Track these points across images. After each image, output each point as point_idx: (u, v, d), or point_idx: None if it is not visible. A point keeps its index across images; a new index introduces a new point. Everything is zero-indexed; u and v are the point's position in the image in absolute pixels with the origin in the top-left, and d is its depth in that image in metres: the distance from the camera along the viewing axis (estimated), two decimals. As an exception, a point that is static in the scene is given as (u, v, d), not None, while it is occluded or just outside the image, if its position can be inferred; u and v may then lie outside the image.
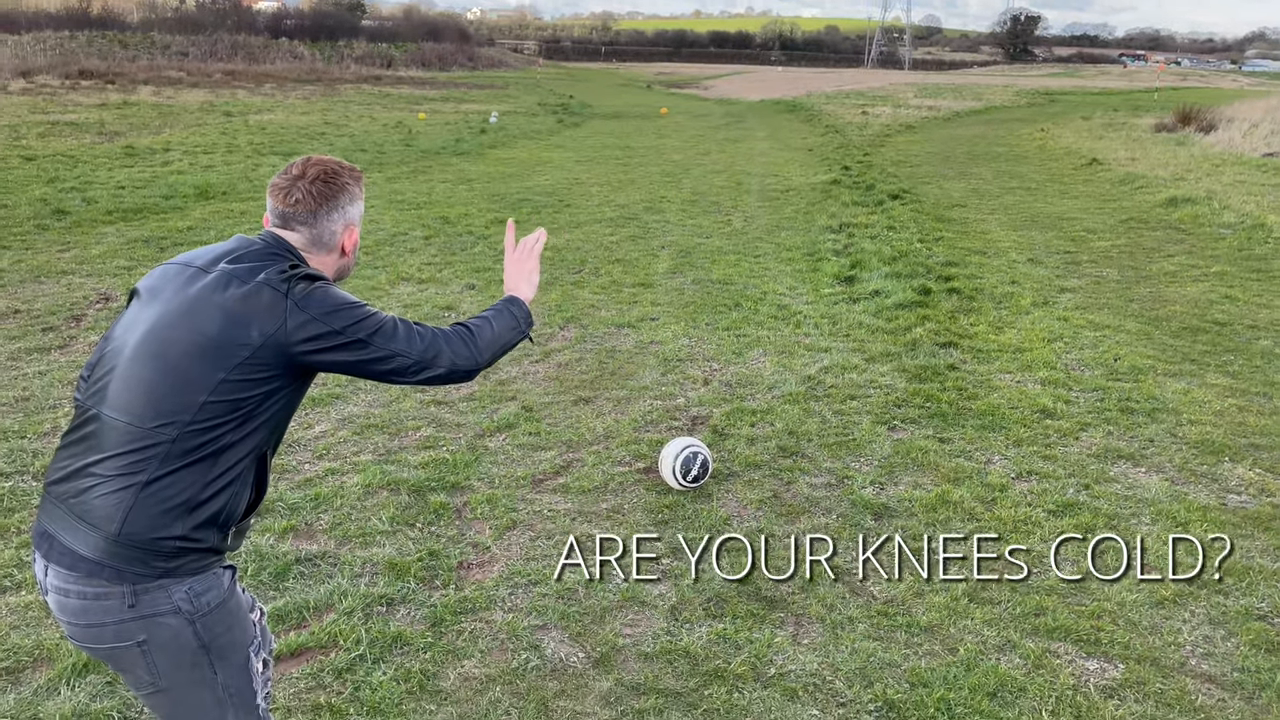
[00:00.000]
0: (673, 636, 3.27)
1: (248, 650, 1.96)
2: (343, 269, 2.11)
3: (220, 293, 1.85)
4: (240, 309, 1.82)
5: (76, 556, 1.79)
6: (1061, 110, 33.53)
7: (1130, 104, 35.46)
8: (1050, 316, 7.22)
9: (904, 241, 9.67)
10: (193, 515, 1.81)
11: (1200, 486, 4.48)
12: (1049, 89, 48.08)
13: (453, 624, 3.29)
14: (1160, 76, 62.33)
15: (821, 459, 4.72)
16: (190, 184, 11.99)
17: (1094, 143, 20.41)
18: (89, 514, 1.79)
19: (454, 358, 1.99)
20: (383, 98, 31.00)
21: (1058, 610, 3.44)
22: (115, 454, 1.79)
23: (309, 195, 2.00)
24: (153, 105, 23.04)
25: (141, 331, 1.86)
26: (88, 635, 1.84)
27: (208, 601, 1.86)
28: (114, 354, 1.88)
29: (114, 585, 1.78)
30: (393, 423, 5.00)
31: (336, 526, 3.91)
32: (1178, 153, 17.90)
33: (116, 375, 1.84)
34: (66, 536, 1.80)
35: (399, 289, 7.67)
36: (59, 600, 1.83)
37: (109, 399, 1.83)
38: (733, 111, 33.27)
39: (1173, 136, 20.95)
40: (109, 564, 1.77)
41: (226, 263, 1.91)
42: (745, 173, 15.81)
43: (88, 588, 1.79)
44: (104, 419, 1.82)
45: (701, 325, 6.94)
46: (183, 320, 1.84)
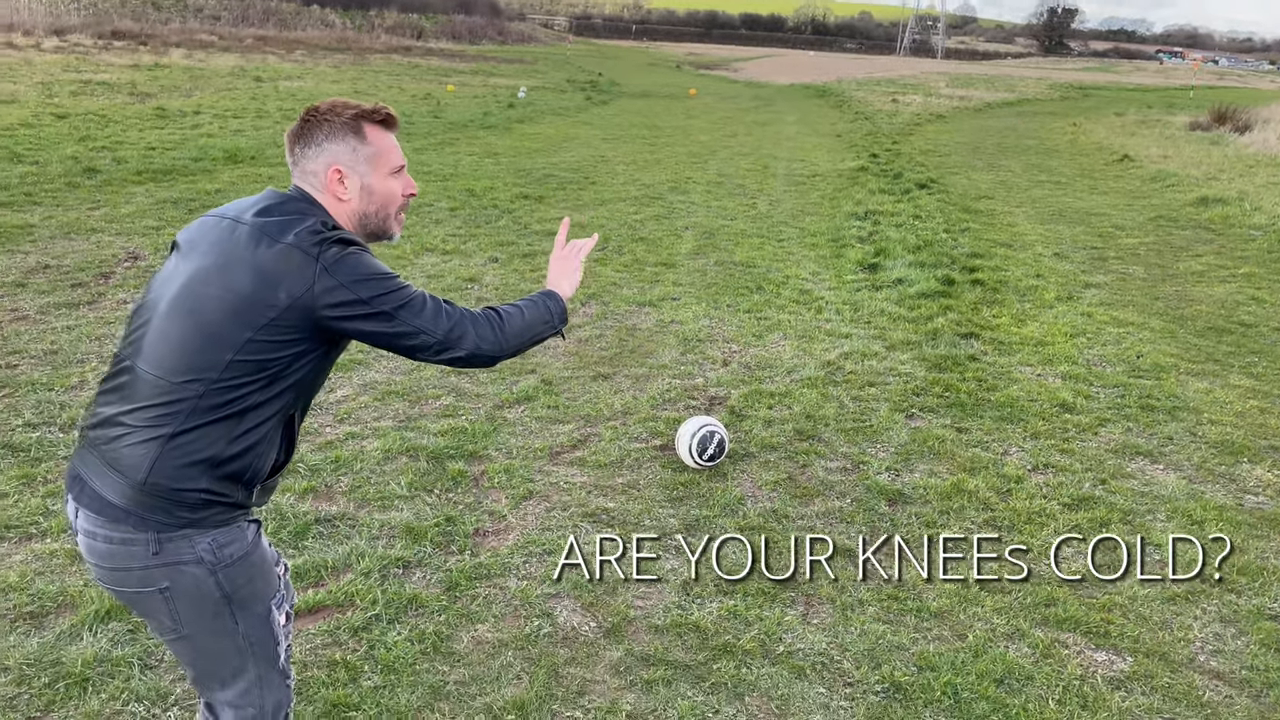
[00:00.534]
0: (683, 610, 3.30)
1: (269, 603, 1.99)
2: (357, 218, 2.01)
3: (252, 250, 1.84)
4: (271, 268, 1.82)
5: (104, 502, 1.83)
6: (1095, 105, 33.15)
7: (1165, 101, 35.01)
8: (1074, 311, 7.18)
9: (929, 231, 9.62)
10: (217, 470, 1.83)
11: (1218, 486, 4.47)
12: (1083, 83, 47.51)
13: (467, 589, 3.33)
14: (1197, 74, 61.45)
15: (838, 444, 4.73)
16: (220, 147, 12.06)
17: (1126, 139, 20.19)
18: (118, 461, 1.82)
19: (478, 341, 1.97)
20: (412, 69, 31.01)
21: (1068, 601, 3.45)
22: (144, 405, 1.82)
23: (289, 137, 1.99)
24: (184, 68, 23.14)
25: (177, 286, 1.88)
26: (113, 578, 1.88)
27: (230, 554, 1.89)
28: (150, 306, 1.91)
29: (139, 532, 1.82)
30: (413, 390, 5.04)
31: (356, 489, 3.96)
32: (1211, 152, 17.67)
33: (151, 328, 1.87)
34: (96, 481, 1.84)
35: (423, 259, 7.70)
36: (88, 543, 1.87)
37: (143, 351, 1.85)
38: (761, 94, 33.09)
39: (1207, 135, 20.68)
40: (134, 511, 1.81)
41: (255, 215, 1.90)
42: (772, 156, 15.74)
43: (114, 532, 1.83)
44: (136, 371, 1.85)
45: (723, 306, 6.95)
46: (216, 276, 1.85)
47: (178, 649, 1.99)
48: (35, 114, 13.56)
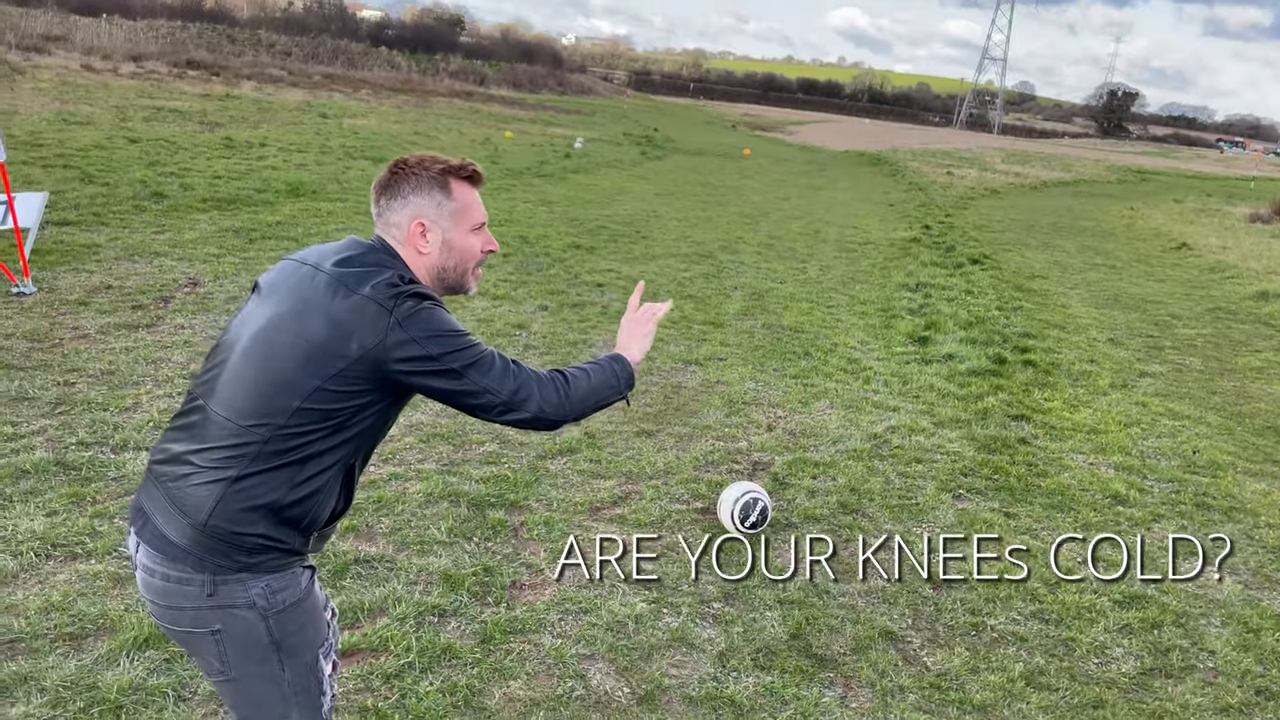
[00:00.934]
0: (719, 683, 3.23)
1: (317, 651, 1.98)
2: (436, 271, 2.04)
3: (329, 299, 1.86)
4: (346, 319, 1.83)
5: (165, 539, 1.84)
6: (1153, 190, 32.92)
7: (1225, 190, 34.66)
8: (1128, 400, 7.04)
9: (982, 307, 9.54)
10: (276, 516, 1.84)
11: (1276, 593, 4.31)
12: (1142, 167, 47.25)
13: (502, 642, 3.30)
14: (1259, 165, 60.87)
15: (882, 520, 4.65)
16: (283, 180, 12.35)
17: (1185, 226, 19.98)
18: (182, 500, 1.83)
19: (542, 404, 1.95)
20: (472, 113, 31.67)
21: (1118, 704, 3.33)
22: (212, 446, 1.83)
23: (378, 185, 2.03)
24: (253, 100, 23.83)
25: (253, 329, 1.90)
26: (167, 616, 1.89)
27: (283, 599, 1.89)
28: (226, 347, 1.93)
29: (196, 573, 1.82)
30: (458, 434, 5.05)
31: (396, 532, 3.95)
32: (1272, 245, 17.41)
33: (226, 369, 1.89)
34: (159, 518, 1.86)
35: (473, 303, 7.77)
36: (145, 579, 1.88)
37: (215, 392, 1.87)
38: (816, 159, 33.30)
39: (1268, 228, 20.40)
40: (193, 551, 1.82)
41: (334, 264, 1.92)
42: (824, 221, 15.77)
43: (171, 571, 1.83)
44: (208, 411, 1.86)
45: (769, 370, 6.92)
46: (291, 323, 1.86)
47: (224, 691, 1.99)
48: (109, 136, 14.01)
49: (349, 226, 10.17)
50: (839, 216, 16.81)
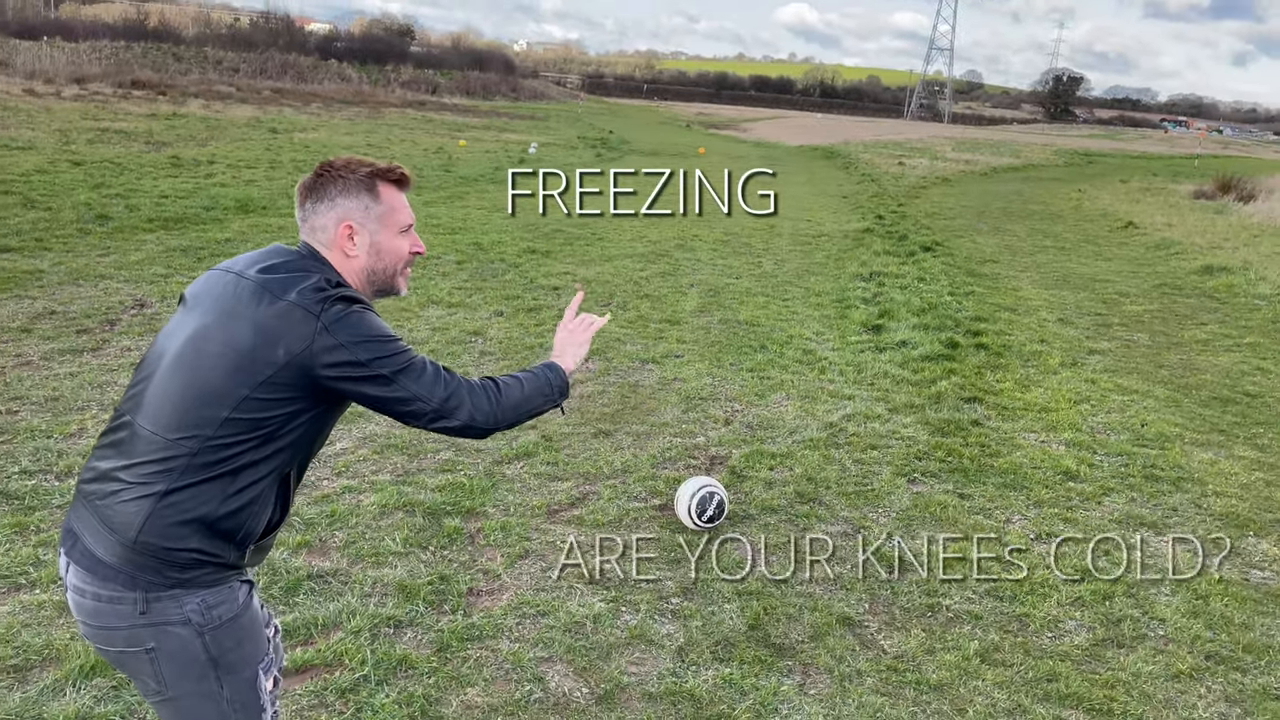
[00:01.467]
0: (678, 678, 3.24)
1: (257, 667, 1.95)
2: (365, 273, 2.00)
3: (254, 306, 1.84)
4: (271, 325, 1.81)
5: (95, 559, 1.81)
6: (1100, 172, 33.47)
7: (1170, 169, 35.33)
8: (1078, 378, 7.16)
9: (934, 294, 9.64)
10: (209, 530, 1.81)
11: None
12: (1088, 150, 48.02)
13: (459, 650, 3.28)
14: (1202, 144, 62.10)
15: (839, 507, 4.69)
16: (232, 197, 12.21)
17: (1131, 206, 20.33)
18: (111, 519, 1.80)
19: (473, 411, 1.94)
20: (426, 123, 31.49)
21: (1071, 677, 3.38)
22: (140, 461, 1.80)
23: (303, 187, 2.01)
24: (201, 118, 23.53)
25: (179, 341, 1.88)
26: (100, 636, 1.86)
27: (219, 615, 1.86)
28: (153, 361, 1.90)
29: (127, 591, 1.79)
30: (413, 444, 5.02)
31: (350, 545, 3.92)
32: (1216, 221, 17.78)
33: (152, 383, 1.86)
34: (89, 538, 1.83)
35: (429, 311, 7.73)
36: (76, 599, 1.85)
37: (142, 407, 1.85)
38: (770, 155, 33.48)
39: (1211, 204, 20.83)
40: (124, 570, 1.79)
41: (259, 271, 1.90)
42: (778, 216, 15.85)
43: (102, 590, 1.80)
44: (135, 426, 1.84)
45: (726, 365, 6.95)
46: (217, 333, 1.84)
47: (163, 711, 1.95)
48: (51, 160, 13.76)
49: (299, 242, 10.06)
50: (793, 210, 16.90)
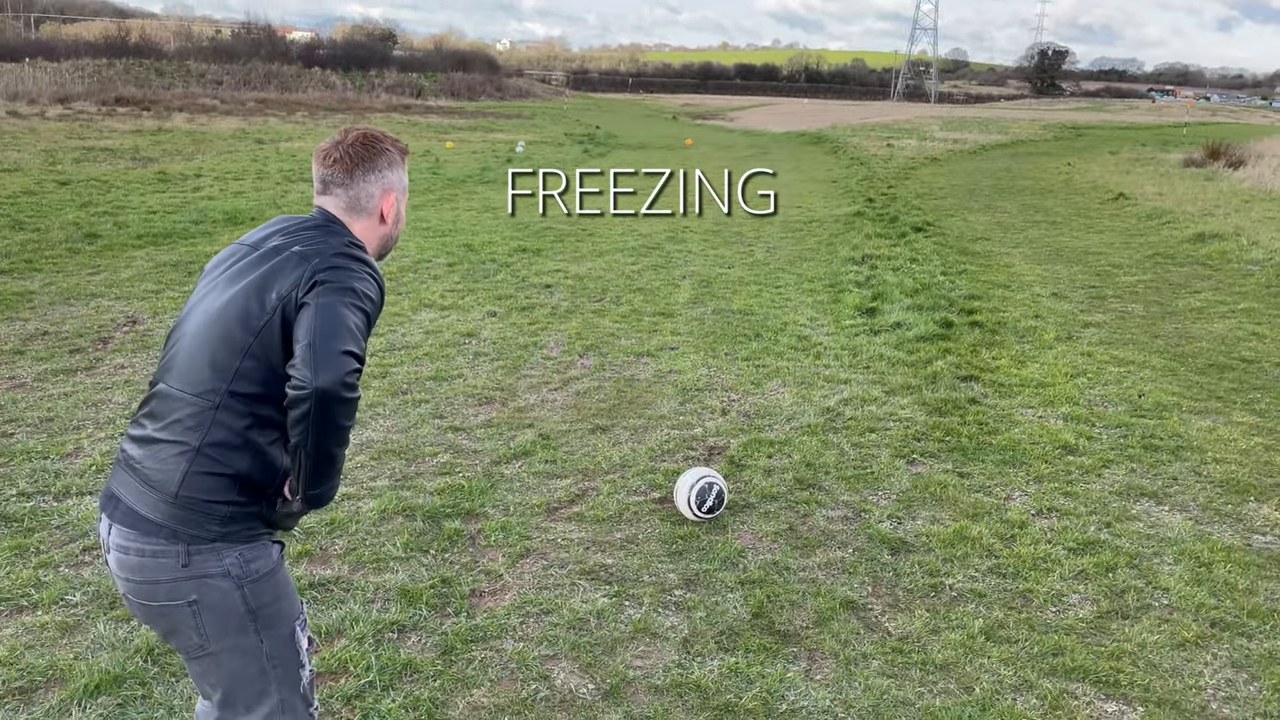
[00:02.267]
0: (684, 669, 3.24)
1: (294, 623, 2.01)
2: (385, 239, 2.16)
3: (259, 266, 1.95)
4: (269, 274, 1.92)
5: (138, 516, 1.89)
6: (1088, 144, 33.43)
7: (1159, 139, 35.31)
8: (1074, 351, 7.16)
9: (927, 274, 9.63)
10: (244, 481, 1.89)
11: (1225, 526, 4.41)
12: (1076, 123, 47.97)
13: (463, 652, 3.28)
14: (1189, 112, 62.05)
15: (839, 492, 4.69)
16: (220, 209, 12.18)
17: (1121, 177, 20.31)
18: (151, 477, 1.89)
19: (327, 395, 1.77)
20: (411, 126, 31.41)
21: (1076, 650, 3.38)
22: (172, 421, 1.90)
23: (346, 156, 2.06)
24: (186, 132, 23.46)
25: (198, 307, 2.00)
26: (142, 591, 1.92)
27: (256, 569, 1.93)
28: (178, 331, 2.02)
29: (170, 544, 1.87)
30: (410, 449, 5.02)
31: (351, 552, 3.92)
32: (1206, 188, 17.77)
33: (178, 348, 1.97)
34: (131, 498, 1.91)
35: (420, 315, 7.72)
36: (119, 557, 1.92)
37: (170, 371, 1.96)
38: (758, 143, 33.42)
39: (1201, 172, 20.81)
40: (167, 524, 1.87)
41: (276, 236, 2.03)
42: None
43: (146, 545, 1.88)
44: (165, 390, 1.95)
45: (721, 355, 6.94)
46: (227, 291, 1.95)
47: (203, 667, 1.99)
48: (38, 181, 13.72)
49: (290, 250, 10.04)
50: (783, 197, 16.86)
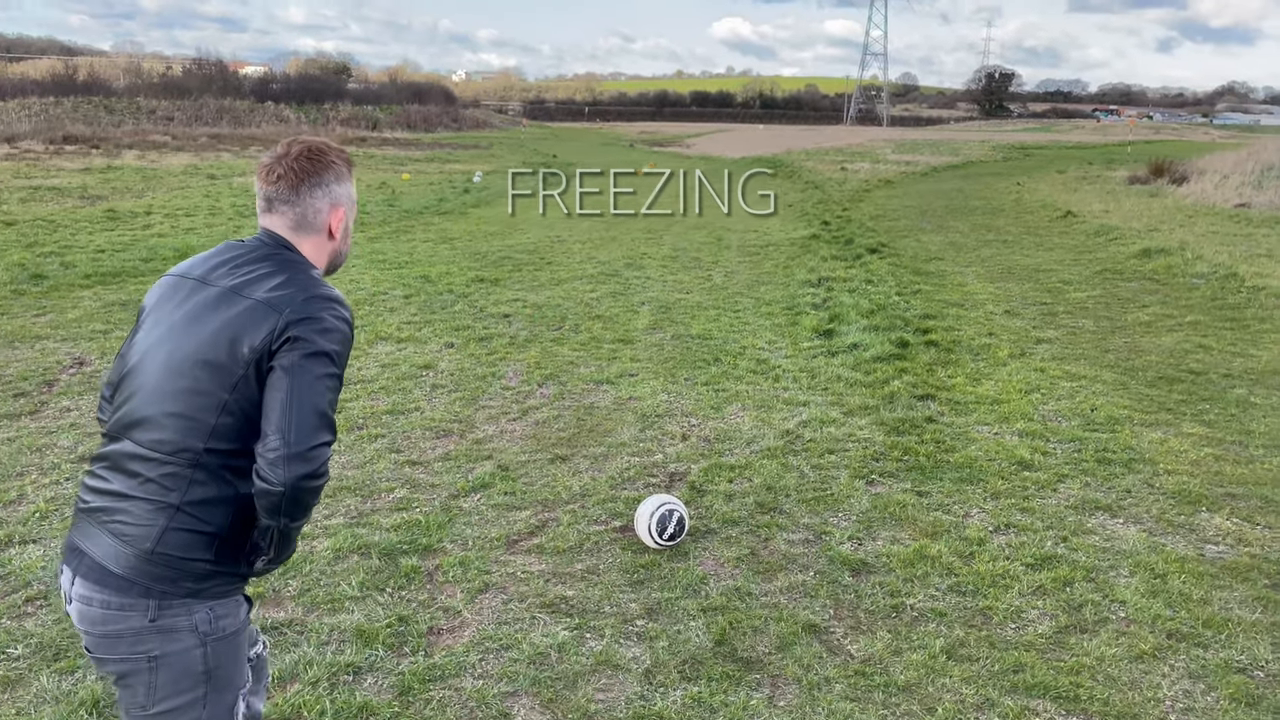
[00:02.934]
0: (646, 701, 3.20)
1: (239, 691, 1.98)
2: (334, 255, 2.09)
3: (219, 311, 1.86)
4: (236, 325, 1.82)
5: (105, 571, 1.82)
6: (1037, 164, 34.10)
7: (1104, 157, 36.11)
8: (1027, 368, 7.25)
9: (882, 295, 9.73)
10: (221, 539, 1.83)
11: (1178, 537, 4.46)
12: (1024, 144, 48.95)
13: (421, 692, 3.21)
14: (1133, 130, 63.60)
15: (799, 515, 4.68)
16: (171, 246, 12.00)
17: (1069, 195, 20.73)
18: (124, 533, 1.82)
19: (298, 480, 1.76)
20: (367, 159, 31.29)
21: (1036, 666, 3.39)
22: (146, 480, 1.82)
23: (290, 171, 1.97)
24: (136, 169, 23.17)
25: (153, 354, 1.89)
26: (103, 645, 1.86)
27: (224, 626, 1.90)
28: (131, 377, 1.91)
29: (140, 599, 1.82)
30: (365, 484, 4.94)
31: (305, 593, 3.83)
32: (1151, 204, 18.19)
33: (139, 403, 1.87)
34: (98, 553, 1.84)
35: (376, 348, 7.64)
36: (81, 609, 1.86)
37: (137, 428, 1.86)
38: (714, 168, 33.69)
39: (1146, 189, 21.30)
40: (139, 581, 1.81)
41: (225, 270, 1.92)
42: (725, 228, 15.95)
43: (112, 598, 1.82)
44: (130, 447, 1.85)
45: (680, 381, 6.94)
46: (187, 341, 1.86)
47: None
48: (-17, 222, 13.44)
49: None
50: (740, 222, 17.01)
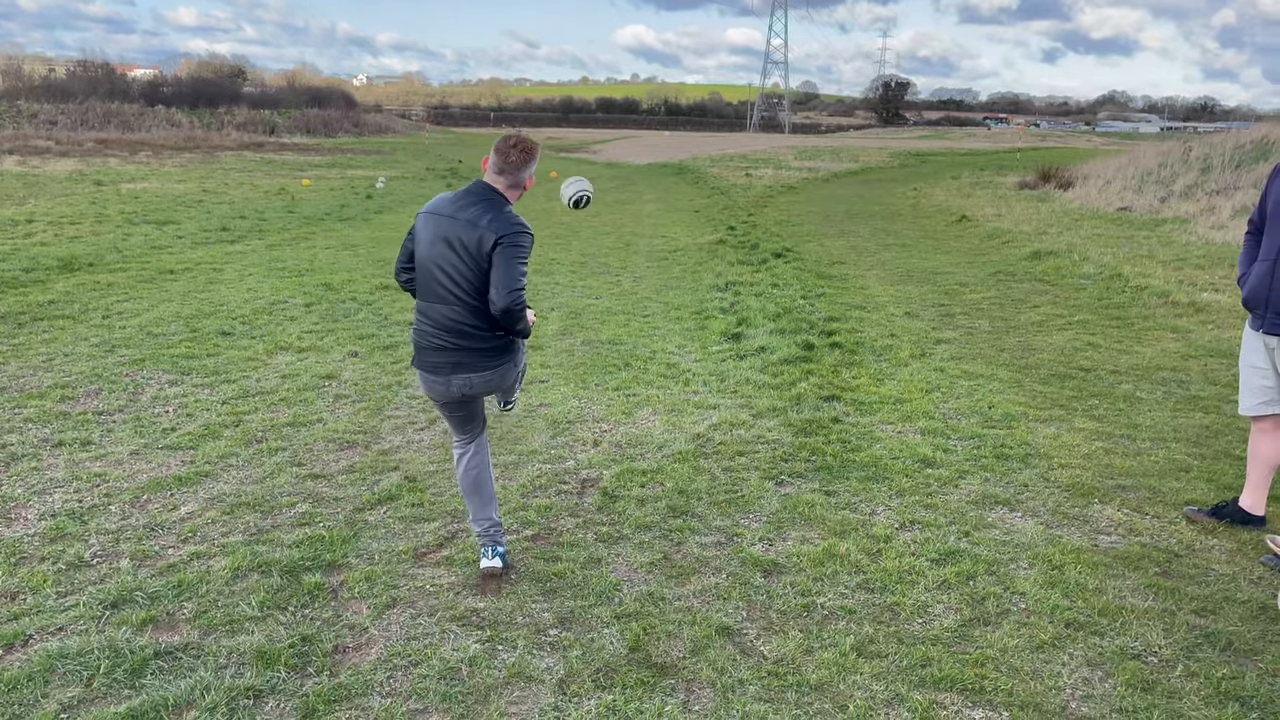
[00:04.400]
0: (560, 712, 3.15)
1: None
2: (520, 197, 3.80)
3: (471, 229, 3.60)
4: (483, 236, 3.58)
5: (482, 358, 3.77)
6: (932, 170, 35.20)
7: (995, 163, 37.49)
8: (928, 368, 7.44)
9: (788, 298, 9.88)
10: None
11: (1073, 528, 4.62)
12: (920, 150, 50.48)
13: (326, 714, 3.10)
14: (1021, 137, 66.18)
15: (711, 517, 4.70)
16: (54, 255, 11.44)
17: (963, 200, 21.44)
18: (474, 339, 3.73)
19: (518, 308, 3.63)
20: (265, 164, 30.41)
21: (943, 660, 3.46)
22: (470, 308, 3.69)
23: (519, 155, 3.68)
24: (17, 175, 22.04)
25: (444, 260, 3.64)
26: (489, 386, 3.84)
27: (522, 356, 4.02)
28: (426, 268, 3.70)
29: (506, 354, 3.82)
30: (266, 500, 4.77)
31: (201, 615, 3.67)
32: (1040, 208, 18.93)
33: (435, 278, 3.68)
34: (471, 357, 3.75)
35: (276, 359, 7.40)
36: (464, 389, 3.80)
37: (445, 290, 3.67)
38: (621, 174, 33.79)
39: (1035, 193, 22.18)
40: (497, 347, 3.78)
41: (465, 204, 3.64)
42: (634, 234, 16.00)
43: (489, 362, 3.78)
44: (452, 299, 3.67)
45: (591, 386, 6.91)
46: (457, 250, 3.62)
47: (506, 388, 3.99)
48: None
49: (132, 296, 9.51)
50: (648, 228, 17.09)
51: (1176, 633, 3.68)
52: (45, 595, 3.78)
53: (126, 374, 6.88)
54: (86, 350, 7.48)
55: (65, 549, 4.17)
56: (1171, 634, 3.67)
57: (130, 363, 7.18)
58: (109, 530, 4.39)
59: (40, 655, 3.33)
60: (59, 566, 4.02)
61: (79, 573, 3.98)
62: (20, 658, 3.35)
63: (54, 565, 4.03)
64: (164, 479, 5.00)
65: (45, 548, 4.19)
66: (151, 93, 61.09)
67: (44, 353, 7.36)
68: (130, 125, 44.00)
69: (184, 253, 12.51)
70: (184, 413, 6.11)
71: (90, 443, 5.52)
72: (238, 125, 49.65)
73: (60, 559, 4.08)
